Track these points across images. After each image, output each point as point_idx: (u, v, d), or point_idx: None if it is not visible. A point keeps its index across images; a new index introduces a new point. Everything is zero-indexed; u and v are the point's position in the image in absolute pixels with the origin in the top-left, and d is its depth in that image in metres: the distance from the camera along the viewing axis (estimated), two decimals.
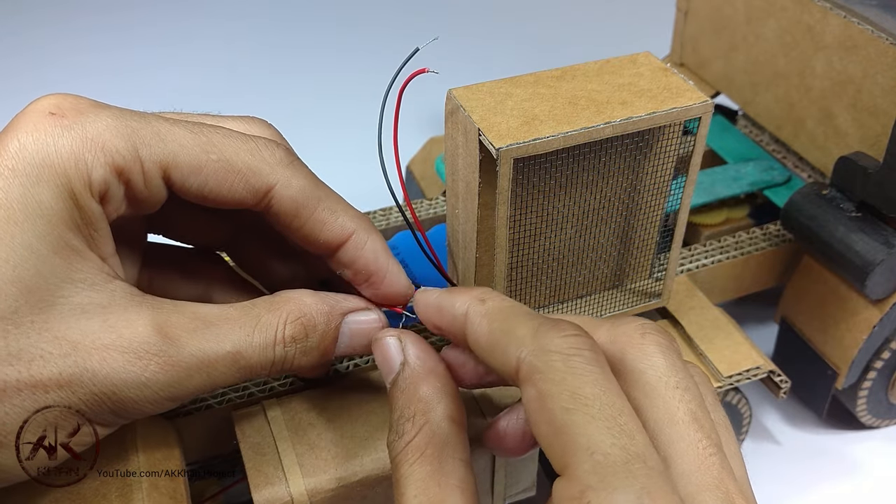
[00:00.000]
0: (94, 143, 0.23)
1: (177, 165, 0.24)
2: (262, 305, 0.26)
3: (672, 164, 0.30)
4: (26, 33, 0.81)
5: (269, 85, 0.73)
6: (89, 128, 0.23)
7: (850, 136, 0.40)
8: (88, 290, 0.23)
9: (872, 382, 0.39)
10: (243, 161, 0.25)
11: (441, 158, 0.47)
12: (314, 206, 0.26)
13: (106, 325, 0.23)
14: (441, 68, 0.29)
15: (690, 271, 0.38)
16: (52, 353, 0.22)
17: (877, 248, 0.35)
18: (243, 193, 0.25)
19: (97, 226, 0.24)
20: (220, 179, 0.25)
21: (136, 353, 0.23)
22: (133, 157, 0.23)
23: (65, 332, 0.22)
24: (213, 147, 0.25)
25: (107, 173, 0.23)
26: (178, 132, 0.24)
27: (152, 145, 0.24)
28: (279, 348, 0.25)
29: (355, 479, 0.28)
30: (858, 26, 0.38)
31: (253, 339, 0.25)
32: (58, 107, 0.23)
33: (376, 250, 0.28)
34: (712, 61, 0.49)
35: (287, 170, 0.26)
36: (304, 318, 0.26)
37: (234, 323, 0.25)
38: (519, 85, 0.28)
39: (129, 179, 0.24)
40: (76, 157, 0.23)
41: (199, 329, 0.24)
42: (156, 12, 0.86)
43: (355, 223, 0.27)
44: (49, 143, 0.22)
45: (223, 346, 0.24)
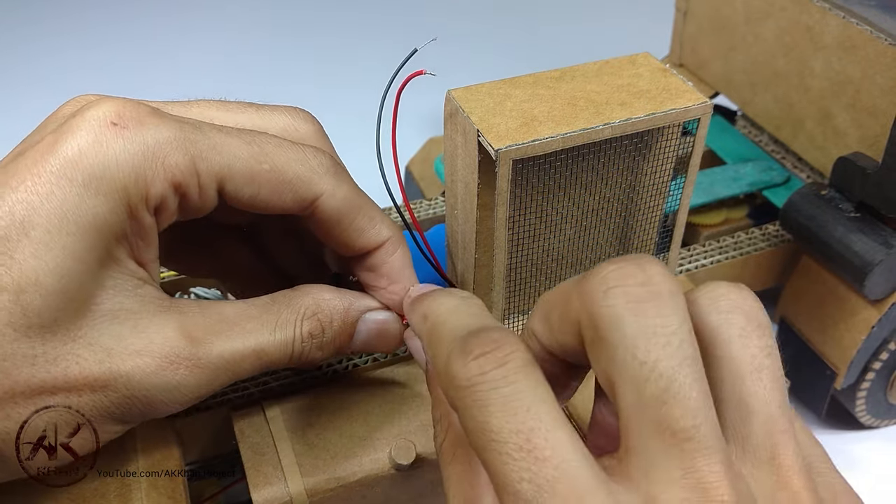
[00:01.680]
0: (154, 157, 0.23)
1: (231, 177, 0.24)
2: (281, 301, 0.27)
3: (671, 164, 0.30)
4: (25, 31, 0.81)
5: (268, 85, 0.73)
6: (150, 140, 0.23)
7: (849, 137, 0.40)
8: (120, 296, 0.23)
9: (871, 382, 0.39)
10: (294, 171, 0.25)
11: (440, 159, 0.47)
12: (355, 214, 0.27)
13: (136, 330, 0.23)
14: (440, 69, 0.29)
15: (689, 272, 0.39)
16: (88, 358, 0.23)
17: (875, 248, 0.35)
18: (291, 203, 0.26)
19: (148, 237, 0.24)
20: (272, 189, 0.25)
21: (167, 357, 0.24)
22: (191, 172, 0.24)
23: (98, 338, 0.23)
24: (266, 157, 0.25)
25: (165, 188, 0.23)
26: (233, 143, 0.25)
27: (209, 158, 0.24)
28: (297, 343, 0.26)
29: (354, 478, 0.28)
30: (857, 27, 0.38)
31: (274, 336, 0.26)
32: (119, 116, 0.23)
33: (403, 262, 0.28)
34: (711, 62, 0.49)
35: (333, 179, 0.26)
36: (321, 314, 0.27)
37: (256, 321, 0.26)
38: (518, 86, 0.29)
39: (186, 193, 0.24)
40: (136, 171, 0.23)
41: (224, 330, 0.25)
42: (156, 9, 0.86)
43: (389, 232, 0.28)
44: (110, 155, 0.22)
45: (247, 344, 0.25)
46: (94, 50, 0.78)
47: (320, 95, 0.71)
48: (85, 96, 0.26)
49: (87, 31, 0.82)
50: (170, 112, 0.25)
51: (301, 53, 0.78)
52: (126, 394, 0.23)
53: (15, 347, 0.22)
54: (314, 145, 0.28)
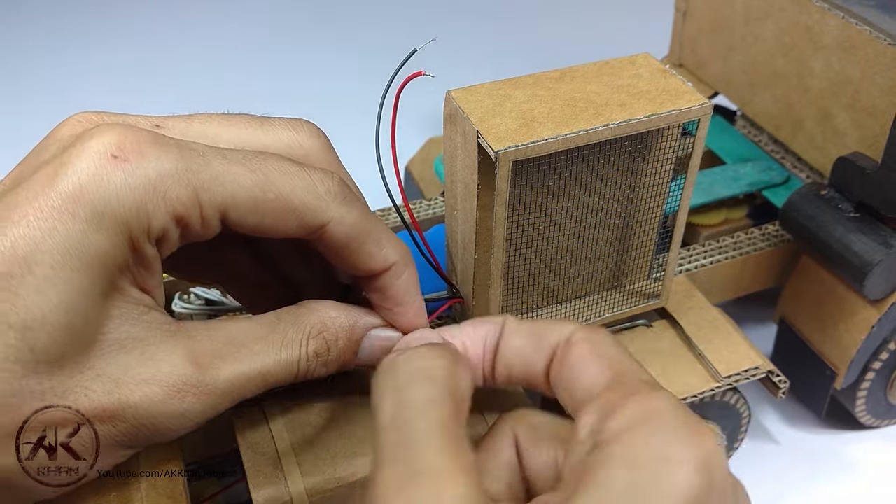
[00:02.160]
0: (156, 191, 0.23)
1: (235, 206, 0.24)
2: (286, 320, 0.26)
3: (671, 165, 0.30)
4: (26, 33, 0.81)
5: (268, 85, 0.73)
6: (151, 173, 0.23)
7: (849, 137, 0.40)
8: (126, 325, 0.24)
9: (871, 382, 0.39)
10: (300, 199, 0.25)
11: (440, 159, 0.47)
12: (364, 240, 0.26)
13: (144, 357, 0.24)
14: (440, 69, 0.29)
15: (689, 272, 0.39)
16: (96, 390, 0.23)
17: (875, 248, 0.35)
18: (296, 230, 0.25)
19: (151, 267, 0.24)
20: (276, 218, 0.25)
21: (175, 386, 0.24)
22: (193, 204, 0.23)
23: (106, 369, 0.23)
24: (271, 186, 0.24)
25: (167, 221, 0.23)
26: (237, 171, 0.24)
27: (212, 189, 0.24)
28: (302, 363, 0.26)
29: (354, 479, 0.28)
30: (857, 27, 0.38)
31: (280, 356, 0.26)
32: (120, 148, 0.23)
33: (409, 283, 0.28)
34: (711, 62, 0.49)
35: (342, 206, 0.26)
36: (327, 332, 0.27)
37: (263, 342, 0.26)
38: (518, 86, 0.29)
39: (188, 224, 0.24)
40: (138, 205, 0.22)
41: (232, 353, 0.25)
42: (156, 14, 0.86)
43: (397, 255, 0.27)
44: (111, 189, 0.22)
45: (254, 367, 0.25)
46: (93, 48, 0.78)
47: (320, 96, 0.71)
48: (85, 115, 0.25)
49: (86, 30, 0.82)
50: (171, 131, 0.25)
51: (301, 54, 0.78)
52: (134, 423, 0.23)
53: (23, 384, 0.22)
54: (321, 164, 0.27)
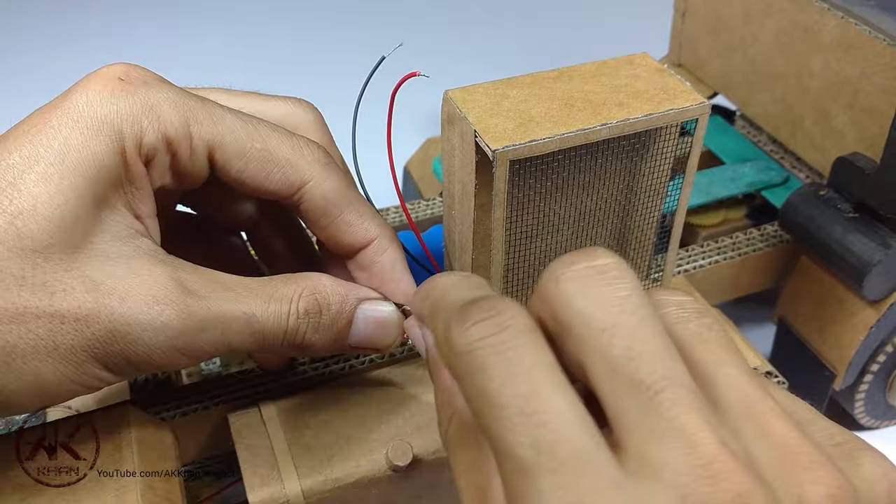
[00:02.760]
0: (151, 110, 0.25)
1: (222, 146, 0.26)
2: (280, 279, 0.27)
3: (669, 165, 0.30)
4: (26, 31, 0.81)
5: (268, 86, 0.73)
6: (151, 97, 0.25)
7: (848, 137, 0.40)
8: (117, 242, 0.24)
9: (870, 384, 0.39)
10: (283, 154, 0.27)
11: (438, 159, 0.47)
12: (343, 207, 0.28)
13: (129, 271, 0.24)
14: (437, 69, 0.29)
15: (688, 272, 0.38)
16: (76, 288, 0.23)
17: (874, 248, 0.35)
18: (278, 184, 0.27)
19: (140, 184, 0.25)
20: (260, 167, 0.26)
21: (155, 297, 0.24)
22: (184, 132, 0.25)
23: (90, 273, 0.23)
24: (259, 136, 0.26)
25: (157, 140, 0.25)
26: (229, 117, 0.26)
27: (204, 124, 0.26)
28: (293, 319, 0.26)
29: (351, 480, 0.28)
30: (856, 27, 0.38)
31: (268, 306, 0.26)
32: (127, 74, 0.25)
33: (394, 259, 0.29)
34: (710, 62, 0.49)
35: (323, 170, 0.27)
36: (319, 294, 0.27)
37: (252, 290, 0.26)
38: (515, 86, 0.28)
39: (177, 151, 0.25)
40: (133, 119, 0.25)
41: (217, 290, 0.25)
42: (154, 11, 0.86)
43: (379, 230, 0.28)
44: (113, 102, 0.24)
45: (239, 307, 0.25)
46: (93, 48, 0.78)
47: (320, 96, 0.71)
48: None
49: (85, 30, 0.82)
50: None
51: (300, 54, 0.78)
52: (109, 327, 0.23)
53: (3, 265, 0.22)
54: (312, 135, 0.29)
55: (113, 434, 0.27)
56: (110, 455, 0.27)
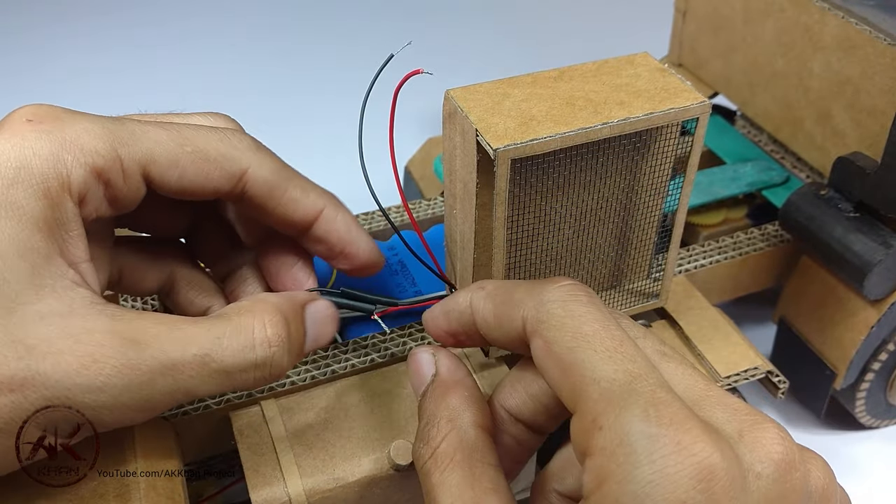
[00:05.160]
0: (72, 144, 0.23)
1: (154, 161, 0.25)
2: (231, 310, 0.26)
3: (670, 164, 0.30)
4: (25, 33, 0.81)
5: (269, 87, 0.73)
6: (68, 131, 0.24)
7: (849, 137, 0.40)
8: (49, 298, 0.23)
9: (871, 383, 0.39)
10: (216, 149, 0.26)
11: (440, 159, 0.47)
12: (285, 185, 0.28)
13: (64, 332, 0.22)
14: (439, 68, 0.29)
15: (689, 272, 0.39)
16: (7, 356, 0.21)
17: (875, 248, 0.35)
18: (219, 180, 0.26)
19: (70, 228, 0.24)
20: (197, 169, 0.26)
21: (91, 356, 0.22)
22: (113, 157, 0.24)
23: (22, 337, 0.22)
24: (187, 140, 0.26)
25: (86, 174, 0.23)
26: (152, 130, 0.25)
27: (130, 144, 0.25)
28: (262, 349, 0.25)
29: (353, 479, 0.28)
30: (856, 27, 0.38)
31: (225, 341, 0.24)
32: (34, 114, 0.24)
33: (348, 222, 0.29)
34: (710, 62, 0.49)
35: (257, 154, 0.27)
36: (281, 314, 0.26)
37: (202, 326, 0.24)
38: (516, 85, 0.29)
39: (109, 179, 0.24)
40: (55, 158, 0.23)
41: (162, 334, 0.23)
42: (153, 13, 0.86)
43: (325, 199, 0.29)
44: (27, 146, 0.23)
45: (188, 349, 0.23)
46: (91, 53, 0.78)
47: (321, 96, 0.71)
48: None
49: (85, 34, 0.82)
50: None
51: (300, 55, 0.78)
52: (46, 394, 0.22)
53: None
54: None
55: (115, 433, 0.27)
56: (112, 455, 0.27)
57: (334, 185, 0.31)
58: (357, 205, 0.41)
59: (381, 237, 0.40)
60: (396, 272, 0.37)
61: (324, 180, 0.30)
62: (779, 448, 0.20)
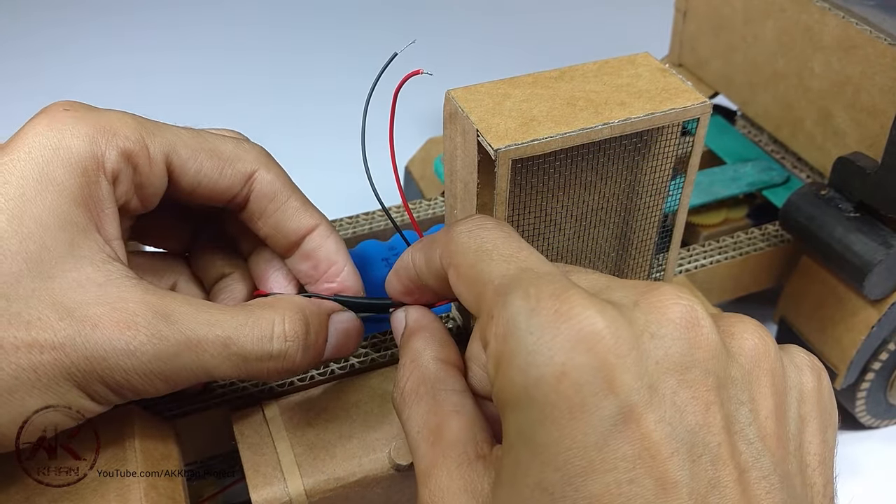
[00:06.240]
0: (105, 129, 0.26)
1: (176, 152, 0.27)
2: (256, 303, 0.28)
3: (670, 164, 0.30)
4: (26, 38, 0.81)
5: (270, 88, 0.73)
6: (101, 118, 0.26)
7: (849, 137, 0.40)
8: (88, 267, 0.24)
9: (871, 383, 0.39)
10: (229, 150, 0.28)
11: (440, 159, 0.47)
12: (288, 194, 0.29)
13: (101, 299, 0.24)
14: (439, 69, 0.29)
15: (689, 272, 0.39)
16: (50, 317, 0.23)
17: (875, 248, 0.35)
18: (231, 179, 0.28)
19: (105, 205, 0.26)
20: (213, 165, 0.28)
21: (126, 323, 0.24)
22: (141, 144, 0.26)
23: (62, 301, 0.23)
24: (204, 139, 0.28)
25: (118, 156, 0.26)
26: (173, 127, 0.28)
27: (156, 134, 0.27)
28: (278, 342, 0.26)
29: (353, 479, 0.28)
30: (857, 27, 0.38)
31: (246, 329, 0.26)
32: (71, 105, 0.26)
33: (338, 245, 0.30)
34: (711, 62, 0.49)
35: (265, 160, 0.29)
36: (302, 314, 0.27)
37: (227, 313, 0.26)
38: (517, 86, 0.29)
39: (137, 164, 0.26)
40: (90, 139, 0.25)
41: (190, 313, 0.25)
42: (151, 17, 0.86)
43: (320, 219, 0.30)
44: (65, 129, 0.25)
45: (213, 330, 0.25)
46: (91, 57, 0.78)
47: (322, 96, 0.71)
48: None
49: (86, 38, 0.82)
50: None
51: (301, 55, 0.78)
52: (85, 353, 0.23)
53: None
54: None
55: (116, 433, 0.27)
56: (113, 454, 0.27)
57: (335, 185, 0.31)
58: (357, 205, 0.42)
59: (381, 237, 0.40)
60: None
61: (324, 180, 0.31)
62: (675, 308, 0.19)
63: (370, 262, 0.38)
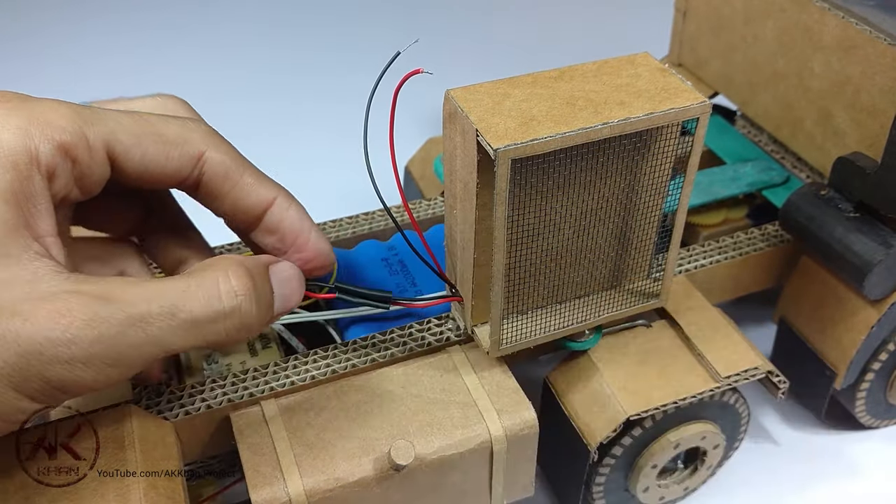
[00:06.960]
0: (39, 120, 0.24)
1: (118, 140, 0.26)
2: (196, 267, 0.26)
3: (670, 164, 0.30)
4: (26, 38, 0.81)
5: (269, 88, 0.73)
6: (35, 109, 0.24)
7: (849, 137, 0.40)
8: (14, 267, 0.23)
9: (871, 383, 0.39)
10: (175, 132, 0.27)
11: (440, 159, 0.47)
12: (241, 171, 0.28)
13: (30, 295, 0.23)
14: (439, 68, 0.29)
15: (689, 271, 0.39)
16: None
17: (875, 248, 0.35)
18: (178, 161, 0.27)
19: (38, 201, 0.24)
20: (158, 150, 0.27)
21: (60, 312, 0.22)
22: (79, 135, 0.25)
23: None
24: (147, 123, 0.27)
25: (54, 149, 0.24)
26: (114, 113, 0.26)
27: (95, 123, 0.25)
28: (228, 299, 0.25)
29: (353, 479, 0.28)
30: (857, 27, 0.38)
31: (191, 292, 0.25)
32: (3, 95, 0.25)
33: (300, 213, 0.29)
34: (711, 62, 0.49)
35: (213, 139, 0.28)
36: (244, 267, 0.26)
37: (167, 282, 0.25)
38: (517, 85, 0.29)
39: (77, 156, 0.25)
40: (22, 132, 0.24)
41: (129, 290, 0.24)
42: (151, 17, 0.86)
43: (278, 190, 0.29)
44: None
45: (155, 301, 0.24)
46: (90, 55, 0.78)
47: (322, 97, 0.71)
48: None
49: (85, 36, 0.82)
50: None
51: (302, 55, 0.78)
52: (19, 350, 0.22)
53: None
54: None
55: (115, 433, 0.27)
56: (113, 454, 0.27)
57: (334, 185, 0.31)
58: (357, 204, 0.42)
59: (381, 237, 0.40)
60: (396, 272, 0.37)
61: (324, 180, 0.31)
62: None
63: (370, 262, 0.38)
